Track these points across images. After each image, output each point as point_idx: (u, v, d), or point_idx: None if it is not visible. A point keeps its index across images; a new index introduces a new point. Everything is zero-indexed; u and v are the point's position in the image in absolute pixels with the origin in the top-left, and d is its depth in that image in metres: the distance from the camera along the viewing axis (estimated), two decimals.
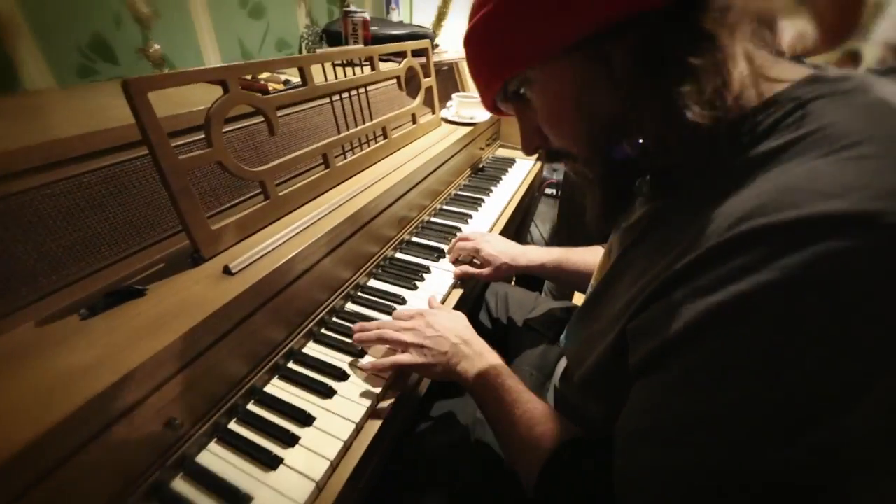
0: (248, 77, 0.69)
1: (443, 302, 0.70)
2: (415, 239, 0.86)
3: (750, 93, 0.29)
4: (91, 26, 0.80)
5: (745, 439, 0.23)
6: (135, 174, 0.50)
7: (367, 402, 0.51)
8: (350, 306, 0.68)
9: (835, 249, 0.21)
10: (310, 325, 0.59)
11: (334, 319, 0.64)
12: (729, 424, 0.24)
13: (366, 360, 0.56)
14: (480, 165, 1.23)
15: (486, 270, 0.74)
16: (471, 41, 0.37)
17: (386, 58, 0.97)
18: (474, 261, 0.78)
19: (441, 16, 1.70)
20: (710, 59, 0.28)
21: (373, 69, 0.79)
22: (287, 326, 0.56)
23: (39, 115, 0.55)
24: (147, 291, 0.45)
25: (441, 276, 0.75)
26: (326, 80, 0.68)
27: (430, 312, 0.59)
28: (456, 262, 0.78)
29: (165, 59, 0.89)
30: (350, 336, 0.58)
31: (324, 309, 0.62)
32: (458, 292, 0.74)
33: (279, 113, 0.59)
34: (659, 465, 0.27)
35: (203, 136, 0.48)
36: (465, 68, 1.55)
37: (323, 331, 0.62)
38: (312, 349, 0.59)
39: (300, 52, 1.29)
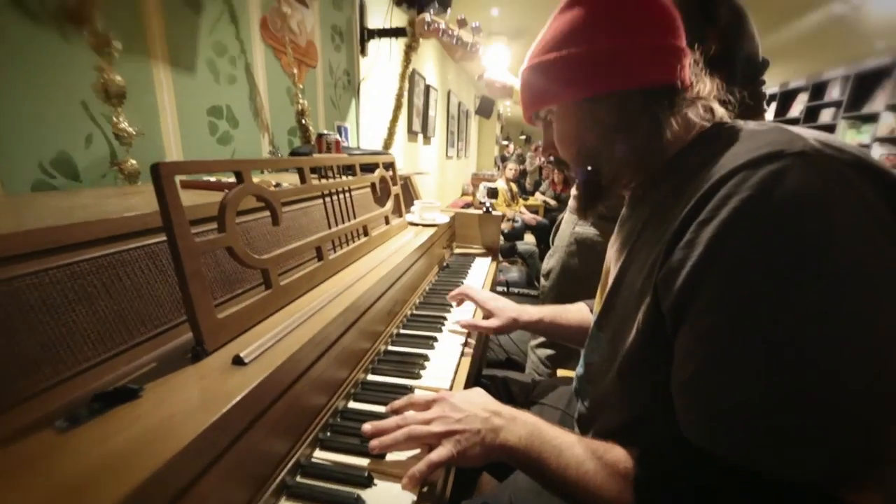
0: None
1: (453, 378, 0.67)
2: (403, 331, 0.84)
3: (688, 132, 0.46)
4: (58, 145, 0.78)
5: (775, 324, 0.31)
6: (119, 267, 0.46)
7: None
8: (353, 404, 0.60)
9: (773, 169, 0.33)
10: (314, 432, 0.51)
11: (339, 421, 0.56)
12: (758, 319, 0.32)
13: (392, 458, 0.49)
14: (445, 263, 1.29)
15: (493, 322, 0.77)
16: (527, 75, 0.53)
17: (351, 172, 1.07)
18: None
19: (387, 145, 1.95)
20: (670, 118, 0.45)
21: (355, 175, 0.86)
22: (293, 433, 0.48)
23: (7, 211, 0.50)
24: (143, 392, 0.37)
25: (445, 353, 0.72)
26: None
27: (448, 394, 0.55)
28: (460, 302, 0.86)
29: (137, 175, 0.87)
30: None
31: (328, 410, 0.55)
32: (466, 361, 0.71)
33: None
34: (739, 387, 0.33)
35: (201, 229, 0.47)
36: (416, 182, 1.74)
37: (329, 435, 0.53)
38: (322, 457, 0.50)
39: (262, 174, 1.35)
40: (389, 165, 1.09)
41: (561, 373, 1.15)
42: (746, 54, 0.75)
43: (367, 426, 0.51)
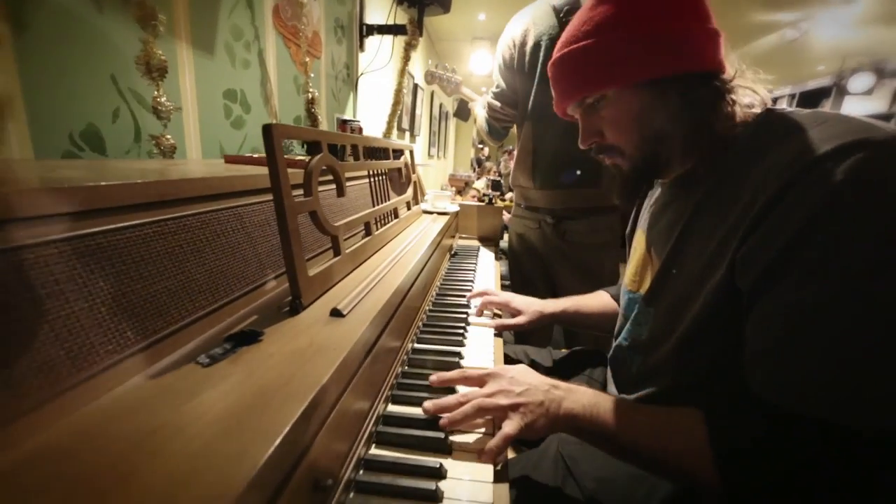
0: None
1: (493, 355, 0.71)
2: (434, 309, 0.87)
3: (739, 118, 0.48)
4: (87, 117, 0.77)
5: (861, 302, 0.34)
6: (216, 224, 0.47)
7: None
8: (408, 369, 0.64)
9: (863, 156, 0.35)
10: (385, 389, 0.54)
11: (403, 381, 0.59)
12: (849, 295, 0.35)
13: (461, 439, 0.48)
14: (453, 251, 1.34)
15: (521, 319, 0.79)
16: (565, 62, 0.53)
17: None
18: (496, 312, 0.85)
19: (386, 137, 1.97)
20: (724, 102, 0.47)
21: (379, 160, 0.89)
22: (375, 387, 0.51)
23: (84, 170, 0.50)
24: (263, 337, 0.40)
25: (478, 333, 0.77)
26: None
27: (501, 369, 0.54)
28: (481, 313, 0.85)
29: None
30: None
31: (391, 374, 0.58)
32: (499, 342, 0.76)
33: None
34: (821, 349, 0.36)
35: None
36: (420, 173, 1.77)
37: (397, 392, 0.56)
38: (395, 411, 0.53)
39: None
40: (409, 153, 1.13)
41: None
42: None
43: (429, 404, 0.50)
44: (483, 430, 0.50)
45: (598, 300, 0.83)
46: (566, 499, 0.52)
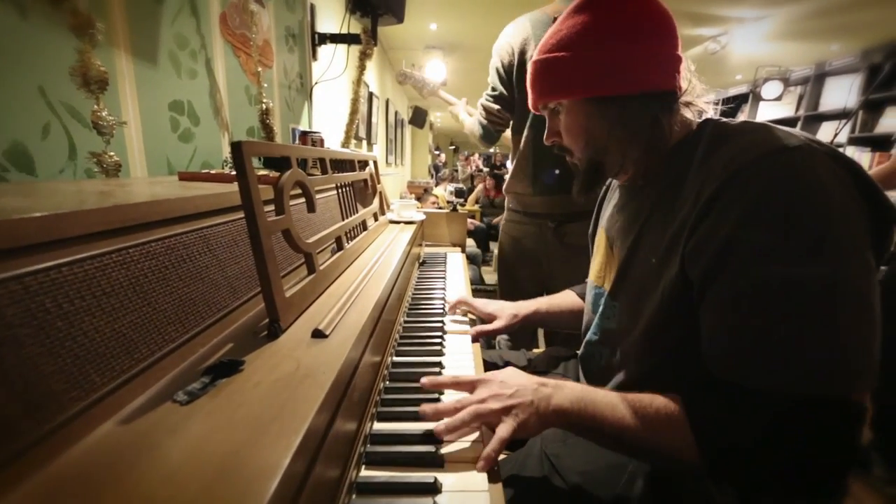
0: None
1: (473, 362, 0.72)
2: (409, 319, 0.87)
3: (681, 129, 0.55)
4: (12, 133, 0.69)
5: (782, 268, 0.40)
6: (181, 249, 0.44)
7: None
8: (391, 384, 0.63)
9: (781, 160, 0.42)
10: (370, 406, 0.53)
11: (385, 397, 0.58)
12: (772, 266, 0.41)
13: (450, 449, 0.49)
14: (421, 259, 1.34)
15: (497, 323, 0.82)
16: (536, 68, 0.59)
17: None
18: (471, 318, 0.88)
19: (344, 147, 1.93)
20: (662, 118, 0.54)
21: (353, 170, 0.88)
22: (362, 405, 0.50)
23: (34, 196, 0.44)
24: (244, 366, 0.37)
25: (456, 340, 0.77)
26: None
27: (490, 374, 0.55)
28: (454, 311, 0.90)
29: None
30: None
31: (375, 390, 0.57)
32: (477, 347, 0.76)
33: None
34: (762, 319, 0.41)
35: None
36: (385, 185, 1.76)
37: (382, 409, 0.55)
38: (382, 428, 0.52)
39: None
40: (373, 164, 1.11)
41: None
42: None
43: (427, 408, 0.50)
44: (472, 438, 0.50)
45: (566, 299, 0.87)
46: (553, 491, 0.55)
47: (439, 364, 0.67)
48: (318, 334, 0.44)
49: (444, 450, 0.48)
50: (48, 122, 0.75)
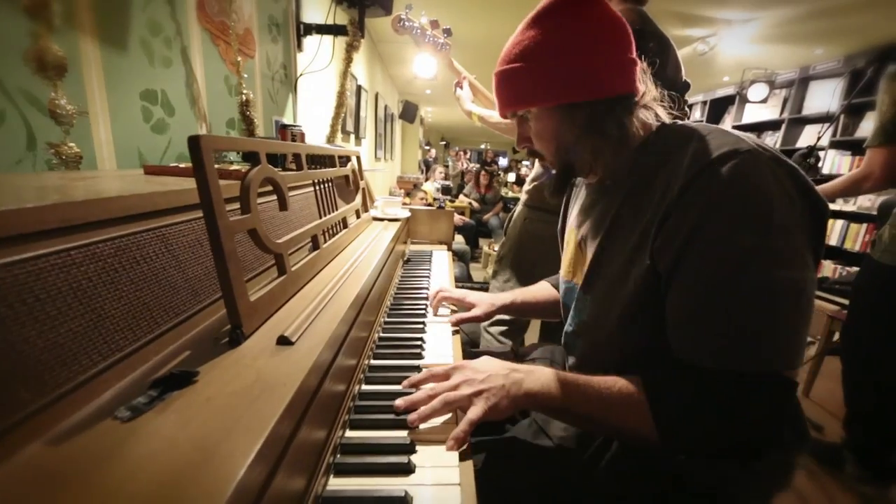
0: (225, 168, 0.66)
1: (453, 354, 0.70)
2: (391, 319, 0.85)
3: (644, 129, 0.57)
4: None
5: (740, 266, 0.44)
6: (135, 249, 0.41)
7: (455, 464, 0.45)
8: (367, 388, 0.61)
9: (735, 163, 0.45)
10: (342, 414, 0.51)
11: (359, 403, 0.56)
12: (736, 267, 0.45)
13: (426, 426, 0.51)
14: (406, 257, 1.32)
15: (476, 311, 0.85)
16: (500, 79, 0.59)
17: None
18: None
19: (330, 141, 1.89)
20: (625, 120, 0.56)
21: (334, 166, 0.85)
22: (331, 414, 0.47)
23: None
24: (198, 377, 0.35)
25: (437, 334, 0.75)
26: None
27: (464, 363, 0.58)
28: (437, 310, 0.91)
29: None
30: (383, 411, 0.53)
31: (348, 396, 0.55)
32: (458, 339, 0.75)
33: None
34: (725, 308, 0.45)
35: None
36: (370, 178, 1.72)
37: (355, 417, 0.53)
38: (356, 437, 0.50)
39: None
40: (355, 159, 1.08)
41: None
42: (670, 77, 0.93)
43: (401, 401, 0.53)
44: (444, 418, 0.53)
45: (541, 290, 0.90)
46: (541, 448, 0.62)
47: (418, 368, 0.65)
48: (283, 341, 0.42)
49: (422, 426, 0.51)
50: (3, 109, 0.70)
